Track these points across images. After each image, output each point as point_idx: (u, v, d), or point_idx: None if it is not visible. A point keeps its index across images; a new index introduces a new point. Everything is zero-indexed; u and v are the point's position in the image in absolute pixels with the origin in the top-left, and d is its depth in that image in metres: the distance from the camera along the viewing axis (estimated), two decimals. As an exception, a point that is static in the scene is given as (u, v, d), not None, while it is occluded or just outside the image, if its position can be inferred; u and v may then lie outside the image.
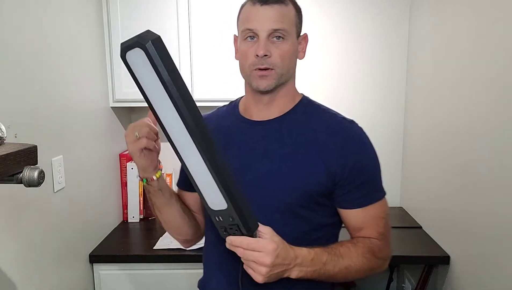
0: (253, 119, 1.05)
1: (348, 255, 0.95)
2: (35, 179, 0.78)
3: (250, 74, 0.99)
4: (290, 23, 0.97)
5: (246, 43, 0.98)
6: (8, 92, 1.19)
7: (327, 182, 0.97)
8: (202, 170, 0.76)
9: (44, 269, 1.38)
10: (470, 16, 1.49)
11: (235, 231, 0.83)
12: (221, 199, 0.78)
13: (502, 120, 1.28)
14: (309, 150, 0.98)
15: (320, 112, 1.05)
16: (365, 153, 1.00)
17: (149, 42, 0.64)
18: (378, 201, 1.01)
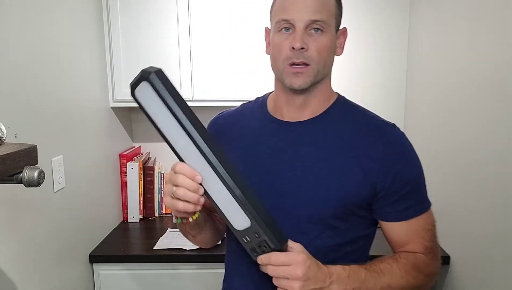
0: (284, 120, 0.96)
1: (390, 272, 0.87)
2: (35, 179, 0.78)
3: (283, 69, 0.89)
4: (329, 14, 0.88)
5: (281, 35, 0.89)
6: (8, 92, 1.19)
7: (367, 192, 0.88)
8: (220, 189, 0.74)
9: (44, 269, 1.38)
10: (470, 15, 1.49)
11: (263, 249, 0.79)
12: (244, 216, 0.76)
13: (503, 120, 1.28)
14: (347, 156, 0.89)
15: (358, 114, 0.97)
16: (409, 160, 0.92)
17: (153, 74, 0.68)
18: (423, 212, 0.92)
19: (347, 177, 0.88)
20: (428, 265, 0.92)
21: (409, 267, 0.89)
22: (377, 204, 0.91)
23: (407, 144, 0.93)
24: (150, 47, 1.89)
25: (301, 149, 0.92)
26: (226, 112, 1.09)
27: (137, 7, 1.87)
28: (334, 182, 0.88)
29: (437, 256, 0.95)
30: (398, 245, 0.94)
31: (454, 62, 1.61)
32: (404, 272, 0.88)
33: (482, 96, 1.40)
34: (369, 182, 0.88)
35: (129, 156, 2.10)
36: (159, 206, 2.18)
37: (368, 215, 0.94)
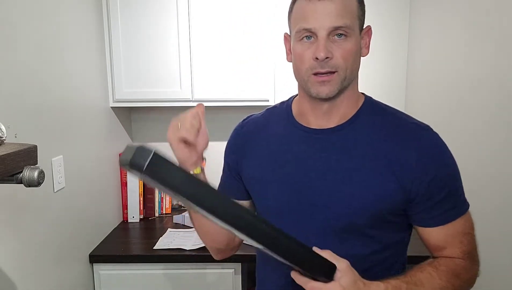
0: (311, 127, 0.92)
1: (430, 281, 0.84)
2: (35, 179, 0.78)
3: (307, 79, 0.85)
4: (352, 17, 0.83)
5: (302, 44, 0.84)
6: (8, 92, 1.19)
7: (401, 199, 0.85)
8: (259, 245, 0.70)
9: (44, 269, 1.38)
10: (470, 16, 1.49)
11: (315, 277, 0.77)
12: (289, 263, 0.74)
13: (502, 120, 1.28)
14: (379, 163, 0.85)
15: (388, 116, 0.92)
16: (445, 164, 0.87)
17: (146, 166, 0.57)
18: (461, 215, 0.89)
19: (380, 186, 0.85)
20: (468, 270, 0.89)
21: (449, 275, 0.86)
22: (412, 210, 0.88)
23: (442, 147, 0.88)
24: (150, 47, 1.89)
25: (331, 157, 0.88)
26: (251, 118, 1.05)
27: (137, 7, 1.87)
28: (367, 191, 0.85)
29: (476, 261, 0.92)
30: (436, 249, 0.91)
31: (454, 63, 1.60)
32: (444, 281, 0.85)
33: (481, 97, 1.40)
34: (404, 189, 0.85)
35: (129, 156, 2.09)
36: (159, 206, 2.18)
37: (403, 220, 0.91)
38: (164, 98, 1.93)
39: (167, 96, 1.92)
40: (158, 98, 1.93)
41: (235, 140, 1.04)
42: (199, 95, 1.91)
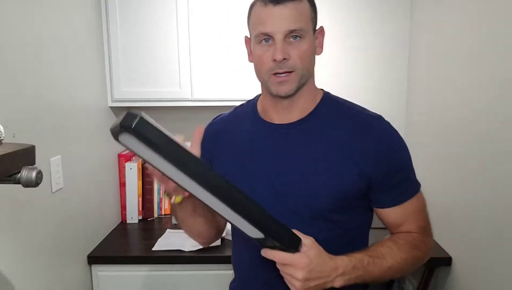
0: (274, 122, 0.99)
1: (390, 254, 0.92)
2: (33, 179, 0.77)
3: (268, 79, 0.93)
4: (306, 20, 0.91)
5: (261, 47, 0.91)
6: (6, 92, 1.18)
7: (361, 185, 0.93)
8: (228, 211, 0.76)
9: (42, 270, 1.37)
10: (471, 15, 1.49)
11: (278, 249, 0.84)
12: (257, 231, 0.79)
13: (504, 120, 1.27)
14: (340, 152, 0.93)
15: (345, 109, 1.00)
16: (398, 150, 0.97)
17: (134, 125, 0.65)
18: (414, 195, 0.98)
19: (342, 173, 0.92)
20: (424, 242, 0.98)
21: (408, 247, 0.94)
22: (372, 194, 0.96)
23: (395, 134, 0.97)
24: (149, 47, 1.89)
25: (295, 149, 0.95)
26: (220, 117, 1.12)
27: (136, 7, 1.86)
28: (330, 179, 0.92)
29: (430, 234, 1.01)
30: (394, 227, 1.00)
31: (456, 62, 1.60)
32: (404, 252, 0.93)
33: (483, 97, 1.39)
34: (363, 175, 0.92)
35: (127, 156, 2.09)
36: (158, 207, 2.17)
37: (365, 203, 0.99)
38: (163, 98, 1.92)
39: (166, 96, 1.92)
40: (157, 98, 1.92)
41: (205, 137, 1.08)
42: (199, 95, 1.90)
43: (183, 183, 0.72)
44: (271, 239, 0.80)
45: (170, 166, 0.69)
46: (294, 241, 0.82)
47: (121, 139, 0.68)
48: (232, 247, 1.14)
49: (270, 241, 0.81)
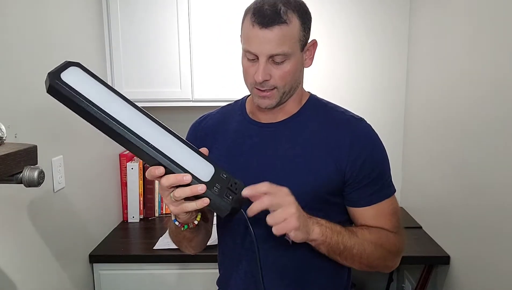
0: (262, 122, 1.03)
1: (362, 234, 0.94)
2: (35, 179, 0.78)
3: (251, 90, 0.97)
4: (292, 42, 0.91)
5: (247, 62, 0.95)
6: (8, 92, 1.19)
7: (337, 180, 0.96)
8: (177, 147, 0.78)
9: (44, 269, 1.38)
10: (469, 15, 1.49)
11: (234, 189, 0.81)
12: (206, 164, 0.80)
13: (502, 120, 1.28)
14: (319, 150, 0.96)
15: (328, 110, 1.04)
16: (374, 150, 0.99)
17: (76, 62, 0.74)
18: (387, 197, 0.99)
19: (320, 169, 0.95)
20: (395, 242, 0.98)
21: (378, 236, 0.95)
22: (346, 191, 0.98)
23: (372, 135, 1.00)
24: (150, 47, 1.89)
25: (279, 147, 0.99)
26: (209, 115, 1.14)
27: (137, 7, 1.87)
28: (310, 175, 0.95)
29: (402, 234, 1.01)
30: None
31: (454, 64, 1.60)
32: (374, 238, 0.94)
33: (482, 98, 1.40)
34: (340, 171, 0.95)
35: (129, 156, 2.09)
36: (159, 206, 2.18)
37: (341, 201, 1.01)
38: (164, 98, 1.93)
39: (167, 96, 1.92)
40: (158, 98, 1.93)
41: (195, 133, 1.12)
42: (199, 95, 1.91)
43: (127, 117, 0.74)
44: (221, 169, 0.81)
45: (117, 98, 0.75)
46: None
47: (66, 74, 0.77)
48: (218, 246, 1.16)
49: (222, 176, 0.80)
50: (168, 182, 0.76)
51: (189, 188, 0.76)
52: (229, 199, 0.79)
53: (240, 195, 0.80)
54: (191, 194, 0.76)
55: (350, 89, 2.15)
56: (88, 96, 0.72)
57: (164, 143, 0.76)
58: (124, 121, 0.72)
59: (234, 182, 0.81)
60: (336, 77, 2.14)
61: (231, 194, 0.80)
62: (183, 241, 1.04)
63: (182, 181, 0.75)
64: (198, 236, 1.02)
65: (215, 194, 0.77)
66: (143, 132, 0.74)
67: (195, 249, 1.11)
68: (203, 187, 0.76)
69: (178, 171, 0.76)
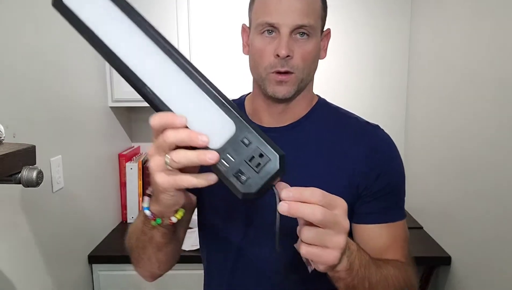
0: (263, 125, 0.89)
1: (386, 268, 0.76)
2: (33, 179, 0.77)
3: (265, 77, 0.81)
4: (316, 17, 0.81)
5: (263, 39, 0.80)
6: (6, 92, 1.18)
7: (351, 196, 0.83)
8: (192, 94, 0.53)
9: (43, 270, 1.37)
10: (471, 17, 1.49)
11: (259, 163, 0.52)
12: (226, 120, 0.52)
13: (504, 122, 1.28)
14: (329, 161, 0.84)
15: (340, 116, 0.91)
16: (393, 162, 0.87)
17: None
18: (399, 220, 0.86)
19: (329, 184, 0.73)
20: (412, 276, 0.83)
21: (400, 269, 0.80)
22: (356, 204, 0.85)
23: (391, 146, 0.88)
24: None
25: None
26: None
27: (136, 7, 1.86)
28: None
29: (414, 268, 0.87)
30: (376, 252, 0.81)
31: (456, 64, 1.60)
32: (397, 272, 0.78)
33: (483, 99, 1.40)
34: (353, 185, 0.83)
35: (128, 156, 2.09)
36: (158, 207, 2.17)
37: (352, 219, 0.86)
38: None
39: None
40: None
41: None
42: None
43: (135, 47, 0.54)
44: (246, 130, 0.52)
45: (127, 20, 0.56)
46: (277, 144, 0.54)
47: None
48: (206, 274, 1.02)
49: (243, 144, 0.52)
50: (176, 138, 0.51)
51: (196, 154, 0.51)
52: (242, 180, 0.52)
53: (267, 180, 0.52)
54: (196, 162, 0.51)
55: (350, 90, 2.14)
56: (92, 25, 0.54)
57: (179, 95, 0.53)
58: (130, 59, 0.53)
59: (261, 154, 0.52)
60: (335, 78, 2.14)
61: (250, 173, 0.52)
62: (148, 247, 0.77)
63: (196, 141, 0.50)
64: (170, 243, 0.77)
65: (224, 169, 0.52)
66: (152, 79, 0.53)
67: (160, 266, 0.87)
68: (214, 155, 0.50)
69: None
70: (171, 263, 0.92)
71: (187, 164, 0.51)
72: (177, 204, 0.61)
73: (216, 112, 0.53)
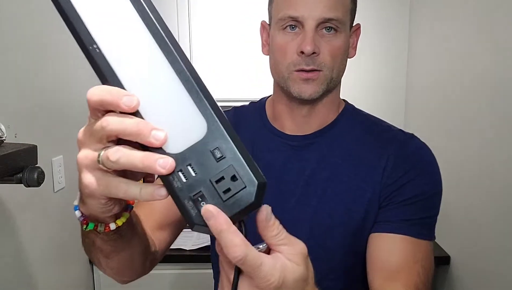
0: (286, 132, 0.81)
1: None
2: (35, 179, 0.78)
3: (288, 76, 0.73)
4: (345, 10, 0.73)
5: (285, 35, 0.73)
6: (7, 92, 1.19)
7: (373, 214, 0.74)
8: (157, 70, 0.38)
9: (44, 269, 1.37)
10: (470, 15, 1.49)
11: (225, 192, 0.37)
12: (197, 116, 0.38)
13: (503, 119, 1.28)
14: (355, 175, 0.75)
15: (370, 124, 0.82)
16: (423, 175, 0.75)
17: None
18: (422, 238, 0.72)
19: (354, 198, 0.74)
20: None
21: None
22: (377, 215, 0.76)
23: (425, 157, 0.77)
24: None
25: (305, 168, 0.77)
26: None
27: None
28: (339, 205, 0.74)
29: None
30: (386, 273, 0.70)
31: (455, 62, 1.60)
32: None
33: (481, 96, 1.40)
34: (377, 195, 0.74)
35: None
36: (159, 206, 2.17)
37: None
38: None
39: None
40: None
41: None
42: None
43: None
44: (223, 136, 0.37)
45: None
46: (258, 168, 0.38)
47: None
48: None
49: (213, 156, 0.37)
50: (118, 126, 0.37)
51: (142, 156, 0.36)
52: (200, 207, 0.37)
53: (234, 214, 0.37)
54: (140, 168, 0.36)
55: (349, 90, 2.14)
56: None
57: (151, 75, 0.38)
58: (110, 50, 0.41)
59: (234, 176, 0.36)
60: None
61: (212, 199, 0.37)
62: (94, 252, 0.62)
63: (145, 137, 0.36)
64: (122, 251, 0.59)
65: (179, 185, 0.37)
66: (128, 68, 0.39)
67: (118, 273, 0.72)
68: (167, 163, 0.36)
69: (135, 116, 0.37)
70: (137, 270, 0.74)
71: (128, 167, 0.36)
72: (108, 212, 0.43)
73: (186, 103, 0.38)
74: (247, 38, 1.86)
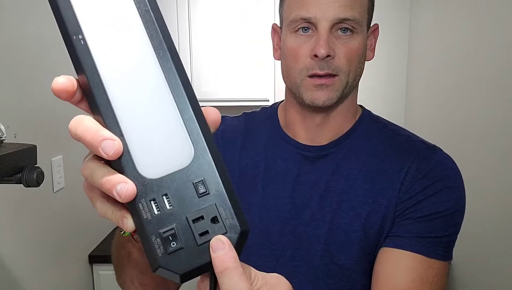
0: (299, 141, 0.75)
1: None
2: (34, 179, 0.77)
3: (301, 82, 0.68)
4: (362, 9, 0.68)
5: (297, 38, 0.68)
6: (7, 92, 1.18)
7: (387, 231, 0.69)
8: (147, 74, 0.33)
9: (43, 270, 1.37)
10: (470, 15, 1.49)
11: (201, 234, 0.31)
12: (184, 140, 0.32)
13: (503, 119, 1.28)
14: (372, 188, 0.70)
15: (388, 133, 0.76)
16: (444, 191, 0.68)
17: None
18: (436, 258, 0.67)
19: (369, 212, 0.69)
20: None
21: None
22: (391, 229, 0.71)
23: (447, 172, 0.70)
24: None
25: (320, 180, 0.72)
26: (227, 120, 0.83)
27: None
28: (355, 221, 0.69)
29: None
30: (388, 286, 0.67)
31: (455, 61, 1.60)
32: None
33: (482, 96, 1.40)
34: (392, 211, 0.69)
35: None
36: (158, 207, 2.17)
37: None
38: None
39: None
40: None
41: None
42: (199, 96, 1.89)
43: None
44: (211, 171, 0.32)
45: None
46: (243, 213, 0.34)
47: None
48: None
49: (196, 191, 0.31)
50: (74, 129, 0.32)
51: (103, 174, 0.31)
52: (169, 248, 0.31)
53: (206, 263, 0.31)
54: (101, 188, 0.32)
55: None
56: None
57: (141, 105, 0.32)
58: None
59: (215, 217, 0.32)
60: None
61: (185, 242, 0.31)
62: (128, 267, 0.64)
63: (96, 144, 0.30)
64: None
65: (148, 216, 0.31)
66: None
67: (143, 284, 0.67)
68: (126, 188, 0.30)
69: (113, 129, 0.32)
70: (170, 288, 0.71)
71: (92, 183, 0.33)
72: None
73: (174, 121, 0.32)
74: (247, 38, 1.86)
